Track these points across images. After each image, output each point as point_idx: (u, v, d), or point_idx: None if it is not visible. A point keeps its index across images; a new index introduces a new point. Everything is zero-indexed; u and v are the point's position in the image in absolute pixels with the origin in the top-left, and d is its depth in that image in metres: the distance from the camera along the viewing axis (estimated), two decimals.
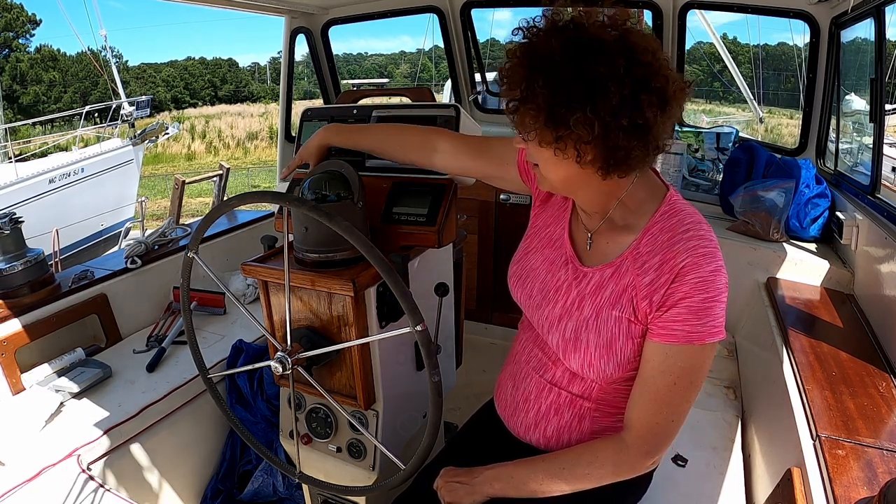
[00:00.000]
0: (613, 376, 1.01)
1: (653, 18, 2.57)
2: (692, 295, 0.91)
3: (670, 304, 0.92)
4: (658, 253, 0.95)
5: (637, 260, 0.98)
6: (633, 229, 1.00)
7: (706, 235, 0.94)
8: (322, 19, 2.92)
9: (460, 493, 1.06)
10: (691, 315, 0.91)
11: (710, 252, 0.92)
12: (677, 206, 0.99)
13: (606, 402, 1.06)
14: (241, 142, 22.85)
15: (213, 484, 1.85)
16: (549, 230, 1.15)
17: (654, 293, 0.94)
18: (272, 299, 1.23)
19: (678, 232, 0.95)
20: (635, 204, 1.01)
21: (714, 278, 0.91)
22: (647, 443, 0.97)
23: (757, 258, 2.07)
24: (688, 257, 0.92)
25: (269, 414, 1.80)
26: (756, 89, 10.36)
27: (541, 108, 0.84)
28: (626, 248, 1.00)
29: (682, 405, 0.96)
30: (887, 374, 1.37)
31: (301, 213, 1.13)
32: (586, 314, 1.01)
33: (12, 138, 12.01)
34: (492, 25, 7.59)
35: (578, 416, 1.08)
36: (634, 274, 0.97)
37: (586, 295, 1.03)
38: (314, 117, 1.49)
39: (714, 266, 0.91)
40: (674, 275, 0.92)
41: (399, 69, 36.76)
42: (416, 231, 1.26)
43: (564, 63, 0.82)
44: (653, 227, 0.98)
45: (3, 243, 1.81)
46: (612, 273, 1.00)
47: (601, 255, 1.04)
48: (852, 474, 1.03)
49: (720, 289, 0.92)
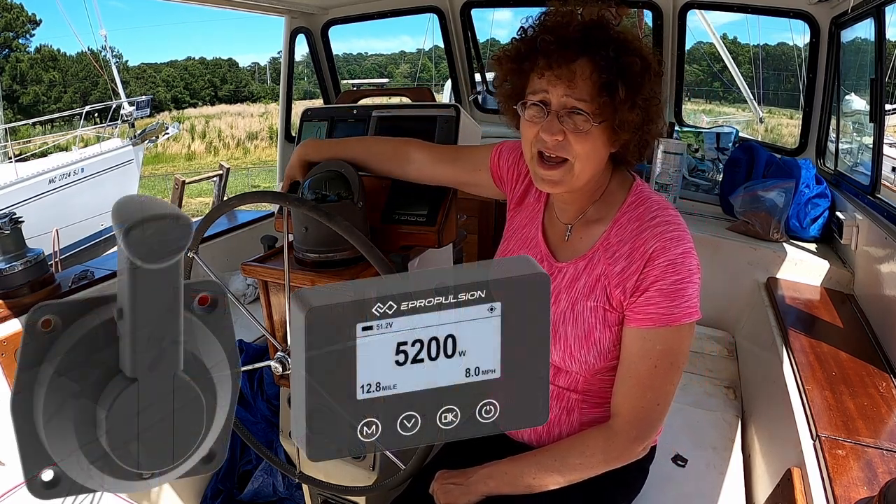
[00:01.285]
0: (595, 366, 1.03)
1: (653, 18, 2.57)
2: (663, 278, 0.94)
3: (643, 288, 0.95)
4: (627, 241, 0.99)
5: (608, 250, 1.01)
6: (603, 221, 1.04)
7: (673, 220, 0.98)
8: (322, 19, 2.92)
9: (455, 494, 1.07)
10: (664, 298, 0.94)
11: (677, 235, 0.96)
12: (643, 195, 1.03)
13: (592, 392, 1.08)
14: (241, 142, 22.84)
15: (213, 484, 1.85)
16: (525, 231, 1.17)
17: (627, 280, 0.97)
18: (272, 299, 1.23)
19: (645, 220, 0.98)
20: (607, 196, 1.05)
21: (683, 260, 0.94)
22: (635, 428, 0.99)
23: (757, 258, 2.07)
24: (656, 242, 0.95)
25: (269, 414, 1.80)
26: (756, 89, 10.37)
27: (611, 92, 0.91)
28: (596, 240, 1.03)
29: (665, 387, 0.98)
30: (887, 374, 1.37)
31: (301, 213, 1.13)
32: (563, 307, 1.04)
33: (12, 138, 12.01)
34: (492, 25, 7.60)
35: (567, 409, 1.09)
36: (606, 264, 1.00)
37: (562, 289, 1.05)
38: (314, 117, 1.49)
39: (683, 248, 0.95)
40: (644, 260, 0.95)
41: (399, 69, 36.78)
42: (416, 231, 1.26)
43: (606, 48, 0.91)
44: (621, 217, 1.02)
45: (3, 243, 1.81)
46: (585, 265, 1.03)
47: (575, 249, 1.07)
48: (852, 474, 1.03)
49: (691, 270, 0.95)
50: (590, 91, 0.92)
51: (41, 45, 30.06)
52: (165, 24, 52.46)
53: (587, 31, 0.93)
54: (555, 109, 0.94)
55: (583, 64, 0.92)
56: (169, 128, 12.02)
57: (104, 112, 12.18)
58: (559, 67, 0.92)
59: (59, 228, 6.67)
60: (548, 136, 0.94)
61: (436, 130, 1.32)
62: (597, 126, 0.93)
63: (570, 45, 0.92)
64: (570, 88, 0.92)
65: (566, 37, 0.92)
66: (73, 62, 29.90)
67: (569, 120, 0.93)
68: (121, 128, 10.79)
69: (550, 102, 0.95)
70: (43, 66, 29.02)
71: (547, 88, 0.94)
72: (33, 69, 28.58)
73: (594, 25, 0.93)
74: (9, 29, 28.23)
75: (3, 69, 27.52)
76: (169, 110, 30.99)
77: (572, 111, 0.93)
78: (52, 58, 29.66)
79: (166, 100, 32.22)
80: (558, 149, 0.95)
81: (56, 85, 29.19)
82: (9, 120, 16.01)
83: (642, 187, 1.05)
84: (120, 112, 10.85)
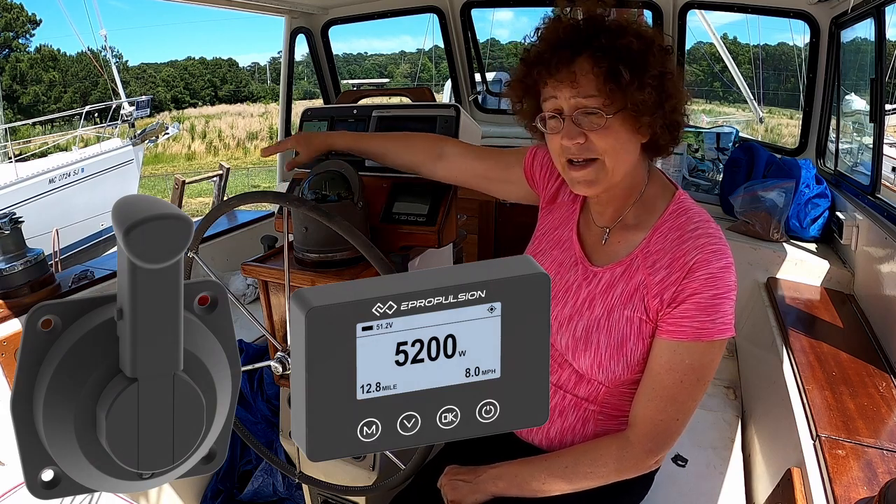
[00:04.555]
0: (621, 378, 1.01)
1: (653, 18, 2.57)
2: (701, 291, 0.91)
3: (680, 300, 0.93)
4: (668, 251, 0.96)
5: (647, 258, 0.98)
6: (642, 227, 1.01)
7: (715, 234, 0.96)
8: (322, 19, 2.92)
9: (464, 492, 1.06)
10: (700, 311, 0.91)
11: (719, 249, 0.94)
12: (686, 205, 1.01)
13: (611, 405, 1.06)
14: (241, 142, 22.84)
15: (212, 484, 1.85)
16: (557, 233, 1.15)
17: (665, 291, 0.94)
18: (272, 299, 1.23)
19: (687, 230, 0.96)
20: (647, 202, 1.02)
21: (723, 275, 0.92)
22: (651, 440, 0.96)
23: (757, 258, 2.07)
24: (697, 254, 0.93)
25: (269, 414, 1.80)
26: (756, 89, 10.37)
27: (627, 83, 0.90)
28: (636, 247, 1.00)
29: (687, 403, 0.95)
30: (887, 374, 1.37)
31: (301, 213, 1.13)
32: (597, 313, 1.01)
33: (12, 138, 12.01)
34: (492, 25, 7.61)
35: (582, 420, 1.07)
36: (645, 273, 0.97)
37: (597, 294, 1.03)
38: (314, 117, 1.49)
39: (723, 263, 0.93)
40: (684, 272, 0.93)
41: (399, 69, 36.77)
42: (416, 231, 1.26)
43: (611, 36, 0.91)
44: (662, 225, 0.99)
45: (3, 243, 1.80)
46: (623, 272, 1.00)
47: (611, 254, 1.04)
48: (852, 474, 1.03)
49: (730, 286, 0.93)
50: (595, 85, 0.91)
51: (41, 45, 30.07)
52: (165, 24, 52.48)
53: (577, 28, 0.93)
54: (567, 114, 0.94)
55: (581, 62, 0.92)
56: (169, 128, 12.03)
57: (104, 112, 12.19)
58: (559, 71, 0.93)
59: (59, 228, 6.68)
60: (569, 142, 0.94)
61: (436, 130, 1.32)
62: (613, 117, 0.92)
63: (564, 47, 0.92)
64: (575, 88, 0.92)
65: (558, 40, 0.93)
66: (73, 62, 29.90)
67: (584, 120, 0.93)
68: (121, 128, 10.80)
69: (562, 109, 0.95)
70: (43, 66, 29.01)
71: (555, 95, 0.95)
72: (33, 69, 28.57)
73: (584, 21, 0.94)
74: (9, 29, 28.23)
75: (3, 69, 27.52)
76: (169, 110, 30.98)
77: (585, 111, 0.93)
78: (52, 58, 29.66)
79: (166, 100, 32.21)
80: (584, 151, 0.95)
81: (56, 85, 29.18)
82: (9, 120, 16.01)
83: (685, 197, 1.02)
84: (120, 112, 10.86)
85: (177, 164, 20.17)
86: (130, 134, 10.58)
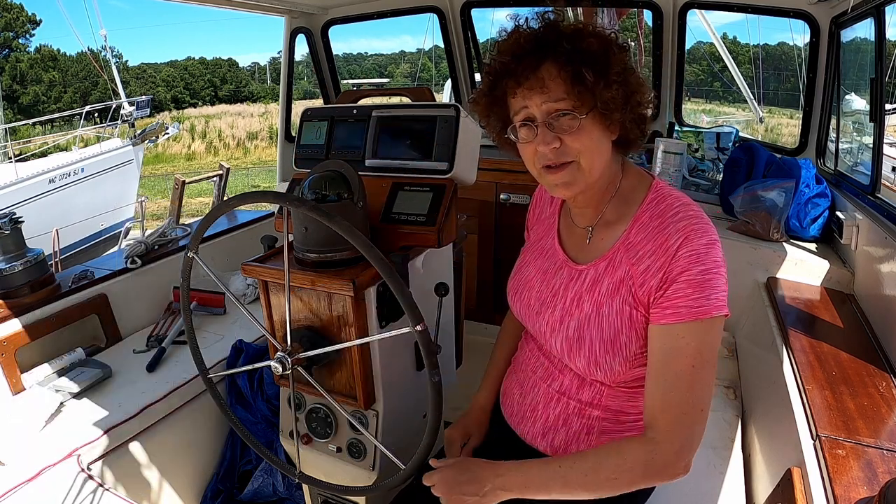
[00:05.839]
0: (621, 375, 1.00)
1: (653, 18, 2.57)
2: (689, 268, 0.92)
3: (670, 280, 0.93)
4: (651, 239, 0.97)
5: (630, 250, 0.99)
6: (623, 220, 1.02)
7: (696, 215, 0.96)
8: (322, 19, 2.92)
9: None
10: (691, 288, 0.91)
11: (701, 228, 0.94)
12: (663, 193, 1.01)
13: (615, 408, 1.05)
14: (241, 142, 22.82)
15: (213, 484, 1.85)
16: (542, 242, 1.18)
17: (651, 277, 0.95)
18: (272, 299, 1.23)
19: (667, 216, 0.97)
20: (624, 195, 1.04)
21: (708, 251, 0.92)
22: (679, 436, 0.91)
23: (757, 258, 2.07)
24: (680, 237, 0.93)
25: (269, 414, 1.80)
26: (756, 89, 10.36)
27: (593, 83, 0.92)
28: (616, 240, 1.02)
29: (704, 388, 0.92)
30: (887, 374, 1.37)
31: (301, 213, 1.13)
32: (587, 310, 1.02)
33: (12, 138, 11.99)
34: (492, 25, 7.60)
35: (587, 427, 1.07)
36: (629, 264, 0.98)
37: (584, 291, 1.03)
38: (314, 117, 1.49)
39: (707, 239, 0.93)
40: (669, 256, 0.93)
41: (399, 69, 36.75)
42: (416, 231, 1.26)
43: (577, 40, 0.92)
44: (642, 215, 1.00)
45: (3, 243, 1.81)
46: (606, 266, 1.01)
47: (595, 251, 1.05)
48: (852, 474, 1.02)
49: (717, 261, 0.92)
50: (564, 88, 0.92)
51: (41, 45, 30.09)
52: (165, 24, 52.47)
53: (537, 37, 0.94)
54: (541, 120, 0.95)
55: (547, 67, 0.93)
56: (169, 128, 12.01)
57: (104, 112, 12.17)
58: (527, 79, 0.94)
59: (59, 228, 6.67)
60: (545, 147, 0.95)
61: (436, 130, 1.32)
62: (585, 118, 0.93)
63: (528, 55, 0.94)
64: (545, 93, 0.93)
65: (521, 49, 0.94)
66: (73, 62, 29.90)
67: (558, 124, 0.94)
68: (121, 128, 10.78)
69: (534, 116, 0.95)
70: (43, 66, 29.01)
71: (525, 104, 0.96)
72: (33, 69, 28.56)
73: (543, 29, 0.95)
74: (9, 29, 28.22)
75: (3, 69, 27.51)
76: (169, 110, 30.99)
77: (557, 114, 0.94)
78: (52, 58, 29.65)
79: (166, 100, 32.23)
80: (560, 155, 0.96)
81: (56, 85, 29.18)
82: (9, 120, 15.99)
83: (662, 185, 1.03)
84: (120, 112, 10.84)
85: (177, 164, 20.16)
86: (130, 134, 10.56)
